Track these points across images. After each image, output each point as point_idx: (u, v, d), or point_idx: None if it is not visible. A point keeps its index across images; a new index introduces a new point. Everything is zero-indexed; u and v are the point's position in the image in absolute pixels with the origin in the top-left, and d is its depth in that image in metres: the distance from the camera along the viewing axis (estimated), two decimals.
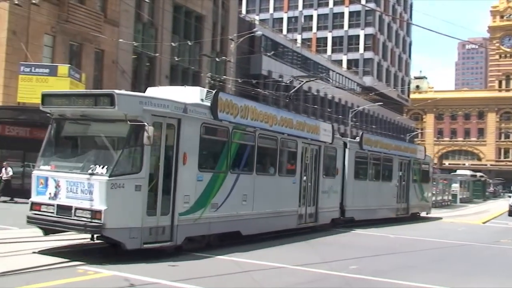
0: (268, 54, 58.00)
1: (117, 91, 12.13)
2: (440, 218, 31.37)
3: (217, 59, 44.30)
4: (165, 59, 40.38)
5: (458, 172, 79.34)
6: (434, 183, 46.28)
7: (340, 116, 72.34)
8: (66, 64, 30.12)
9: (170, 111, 12.70)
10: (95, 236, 11.99)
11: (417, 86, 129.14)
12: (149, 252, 12.24)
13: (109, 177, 11.41)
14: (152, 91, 15.30)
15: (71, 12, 32.57)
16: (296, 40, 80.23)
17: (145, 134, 11.53)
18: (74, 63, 32.35)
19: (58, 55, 32.24)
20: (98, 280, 9.86)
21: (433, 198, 45.02)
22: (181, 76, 43.11)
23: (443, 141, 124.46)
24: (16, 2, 26.40)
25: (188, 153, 13.11)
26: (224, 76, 44.05)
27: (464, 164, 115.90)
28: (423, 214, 30.83)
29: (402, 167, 27.67)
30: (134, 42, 36.12)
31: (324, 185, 20.35)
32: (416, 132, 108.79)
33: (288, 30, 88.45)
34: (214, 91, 14.50)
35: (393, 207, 26.75)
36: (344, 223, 22.44)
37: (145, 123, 11.64)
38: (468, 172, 77.05)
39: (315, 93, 67.73)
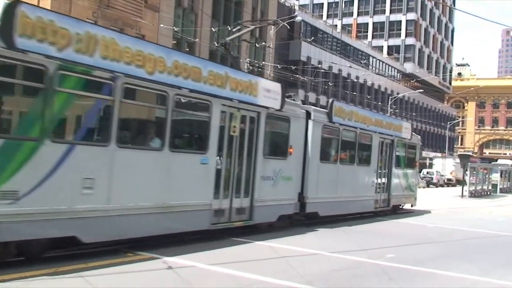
0: (308, 40, 57.85)
1: None
2: (428, 212, 26.03)
3: (257, 45, 44.35)
4: (205, 45, 40.58)
5: (499, 161, 78.04)
6: (474, 172, 45.55)
7: (380, 103, 71.79)
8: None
9: None
10: None
11: (459, 74, 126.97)
12: (186, 234, 12.43)
13: None
14: None
15: None
16: (336, 25, 79.60)
17: None
18: None
19: None
20: (136, 262, 10.07)
21: (473, 188, 44.42)
22: (220, 61, 43.24)
23: (484, 129, 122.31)
24: None
25: None
26: (263, 62, 44.16)
27: (505, 154, 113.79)
28: (407, 206, 25.43)
29: (383, 148, 22.06)
30: (174, 27, 36.50)
31: (266, 169, 14.63)
32: (457, 120, 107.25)
33: (328, 16, 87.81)
34: None
35: (371, 198, 21.11)
36: (306, 219, 17.66)
37: None
38: (509, 162, 75.65)
39: (354, 80, 67.25)
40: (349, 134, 19.46)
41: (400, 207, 24.89)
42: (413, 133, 25.44)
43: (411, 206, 25.66)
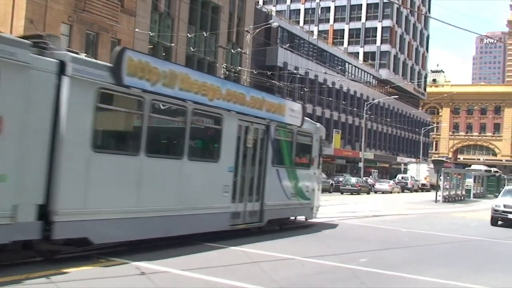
0: (284, 46, 58.10)
1: None
2: (333, 226, 19.97)
3: (233, 51, 44.43)
4: (181, 50, 40.59)
5: (473, 167, 79.04)
6: (448, 177, 45.92)
7: (355, 109, 72.25)
8: (82, 53, 30.33)
9: None
10: None
11: (434, 80, 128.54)
12: (160, 240, 12.40)
13: None
14: None
15: (88, 1, 32.83)
16: (312, 32, 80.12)
17: None
18: (90, 52, 32.56)
19: (75, 44, 32.48)
20: (109, 267, 10.02)
21: (447, 193, 44.80)
22: (197, 66, 43.22)
23: (458, 135, 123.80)
24: None
25: None
26: (240, 67, 44.22)
27: (479, 159, 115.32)
28: (301, 218, 18.89)
29: (248, 136, 15.18)
30: (150, 32, 36.47)
31: None
32: (432, 126, 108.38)
33: (305, 22, 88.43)
34: None
35: (222, 210, 14.10)
36: (62, 251, 10.43)
37: None
38: (483, 167, 76.69)
39: (330, 85, 67.64)
40: (170, 110, 12.68)
41: (292, 219, 18.68)
42: (307, 118, 18.59)
43: (306, 219, 19.13)
